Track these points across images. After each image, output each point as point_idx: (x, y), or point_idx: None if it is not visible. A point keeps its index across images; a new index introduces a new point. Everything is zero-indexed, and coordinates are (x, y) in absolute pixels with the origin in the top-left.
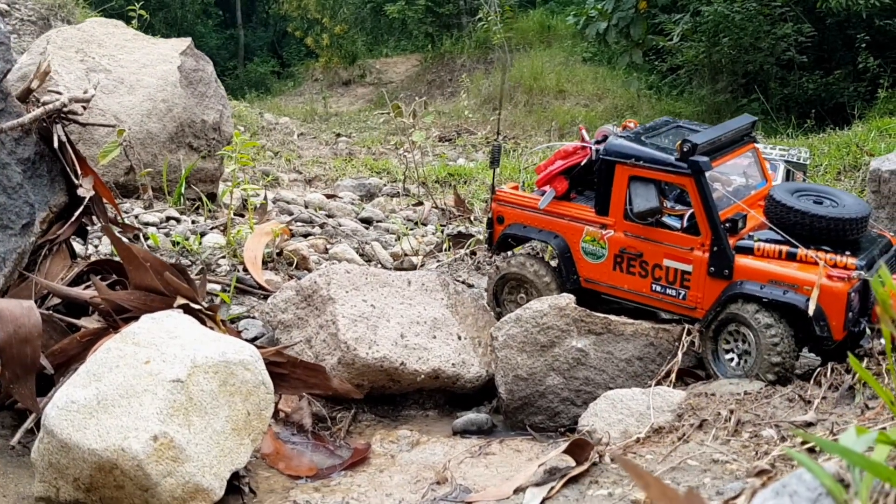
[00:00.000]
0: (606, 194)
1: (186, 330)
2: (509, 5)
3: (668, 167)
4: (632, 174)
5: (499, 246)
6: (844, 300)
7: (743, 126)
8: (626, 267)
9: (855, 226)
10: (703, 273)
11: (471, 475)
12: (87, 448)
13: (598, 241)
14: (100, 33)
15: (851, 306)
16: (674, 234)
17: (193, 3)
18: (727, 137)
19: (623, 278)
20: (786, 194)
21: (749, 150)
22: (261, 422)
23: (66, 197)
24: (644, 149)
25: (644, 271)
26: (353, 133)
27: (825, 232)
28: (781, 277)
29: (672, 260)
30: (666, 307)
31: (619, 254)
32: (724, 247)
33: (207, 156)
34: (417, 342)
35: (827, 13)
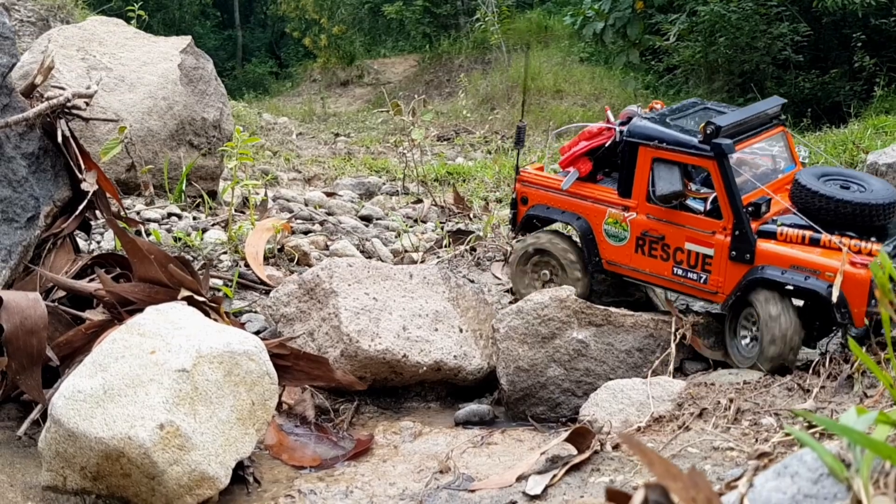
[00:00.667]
0: (629, 176)
1: (191, 321)
2: (507, 6)
3: (691, 149)
4: (655, 156)
5: (523, 226)
6: (867, 287)
7: (771, 108)
8: (647, 250)
9: (882, 211)
10: (724, 257)
11: (473, 464)
12: (94, 437)
13: (620, 224)
14: (101, 32)
15: (873, 293)
16: (696, 218)
17: (192, 4)
18: (753, 120)
19: (645, 261)
20: (812, 178)
21: (778, 133)
22: (265, 412)
23: (69, 191)
24: (668, 131)
25: (666, 254)
26: (352, 133)
27: (851, 217)
28: (804, 263)
29: (694, 243)
30: (687, 291)
31: (641, 236)
32: (746, 231)
33: (208, 153)
34: (419, 335)
35: (823, 12)
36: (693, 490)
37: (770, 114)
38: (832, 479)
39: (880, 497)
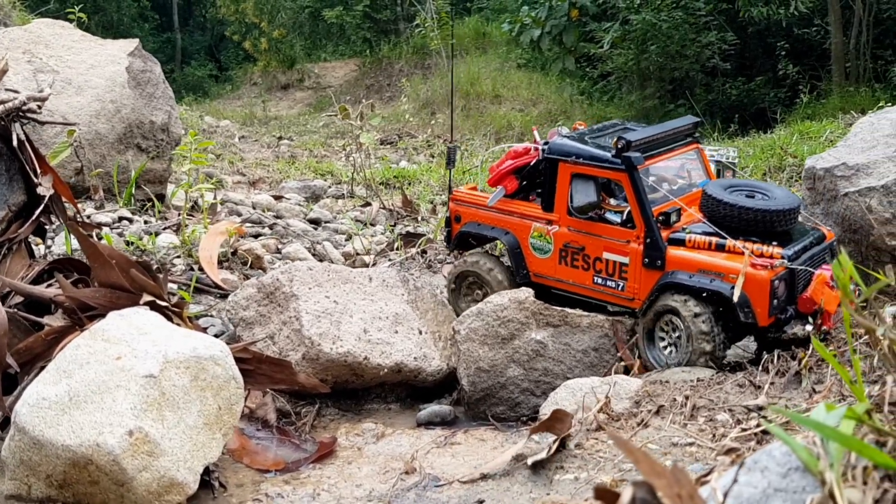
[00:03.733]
0: (551, 191)
1: (156, 326)
2: (445, 12)
3: (604, 163)
4: (573, 171)
5: (457, 244)
6: (768, 287)
7: (683, 126)
8: (570, 261)
9: (783, 217)
10: (638, 264)
11: (438, 464)
12: (61, 444)
13: (544, 237)
14: (47, 34)
15: (776, 293)
16: (612, 228)
17: (130, 7)
18: (666, 136)
19: (568, 272)
20: (718, 189)
21: (692, 149)
22: (231, 416)
23: (24, 196)
24: (584, 147)
25: (586, 264)
26: (294, 136)
27: (754, 224)
28: (709, 267)
29: (611, 253)
30: (606, 299)
31: (564, 248)
32: (656, 238)
33: (156, 157)
34: (380, 337)
35: (749, 22)
36: (677, 486)
37: (683, 131)
38: (800, 472)
39: (850, 489)
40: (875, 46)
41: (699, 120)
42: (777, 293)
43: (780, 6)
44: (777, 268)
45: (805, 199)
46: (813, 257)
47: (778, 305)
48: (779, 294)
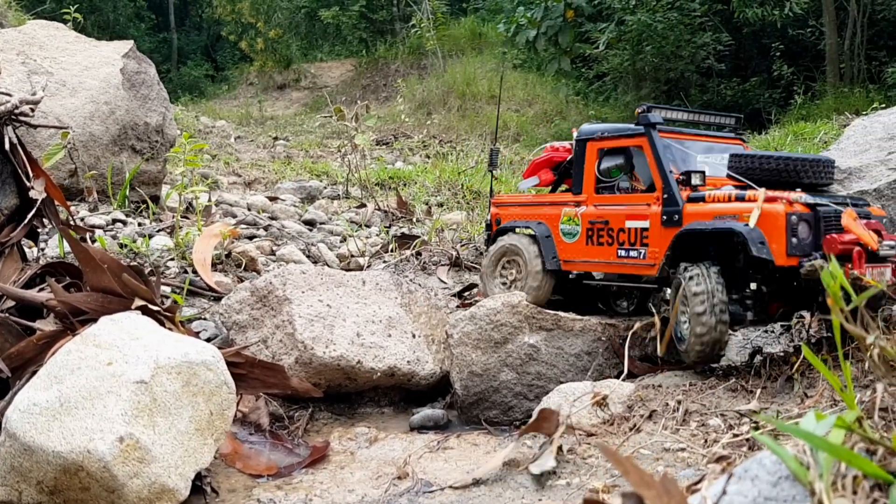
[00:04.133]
0: (580, 173)
1: (147, 331)
2: (441, 12)
3: (626, 132)
4: (599, 147)
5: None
6: (783, 221)
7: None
8: (595, 239)
9: (808, 167)
10: (658, 225)
11: (431, 469)
12: (52, 450)
13: (573, 220)
14: (41, 36)
15: (794, 230)
16: (634, 196)
17: (126, 7)
18: (698, 118)
19: (594, 251)
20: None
21: (734, 144)
22: (223, 422)
23: (16, 199)
24: (609, 125)
25: (610, 238)
26: (290, 136)
27: (778, 173)
28: (725, 212)
29: (633, 220)
30: (630, 271)
31: (590, 227)
32: (673, 194)
33: (150, 159)
34: (373, 341)
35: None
36: (666, 497)
37: (719, 122)
38: (790, 481)
39: (840, 499)
40: (869, 47)
41: (740, 116)
42: (796, 230)
43: (775, 7)
44: (795, 202)
45: None
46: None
47: (798, 245)
48: (799, 232)
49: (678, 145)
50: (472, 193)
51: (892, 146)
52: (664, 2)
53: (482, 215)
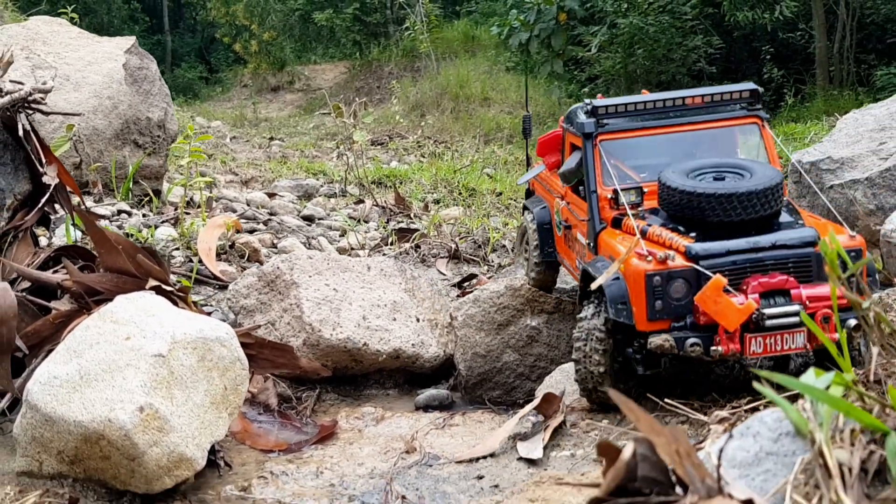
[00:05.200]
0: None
1: (162, 309)
2: (435, 15)
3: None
4: (571, 141)
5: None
6: (643, 282)
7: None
8: (565, 240)
9: (731, 203)
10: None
11: (437, 444)
12: (73, 420)
13: (560, 215)
14: (45, 31)
15: (656, 292)
16: (583, 202)
17: (120, 9)
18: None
19: (566, 252)
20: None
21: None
22: (237, 396)
23: (29, 185)
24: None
25: (571, 245)
26: (284, 138)
27: (699, 210)
28: (613, 252)
29: (581, 233)
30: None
31: (565, 225)
32: (593, 216)
33: (153, 153)
34: (379, 324)
35: (734, 26)
36: (675, 444)
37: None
38: (791, 437)
39: (839, 450)
40: (858, 50)
41: (756, 88)
42: (659, 292)
43: (766, 11)
44: (664, 261)
45: (792, 192)
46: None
47: (664, 308)
48: (667, 294)
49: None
50: (468, 191)
51: (883, 137)
52: (656, 5)
53: (479, 211)
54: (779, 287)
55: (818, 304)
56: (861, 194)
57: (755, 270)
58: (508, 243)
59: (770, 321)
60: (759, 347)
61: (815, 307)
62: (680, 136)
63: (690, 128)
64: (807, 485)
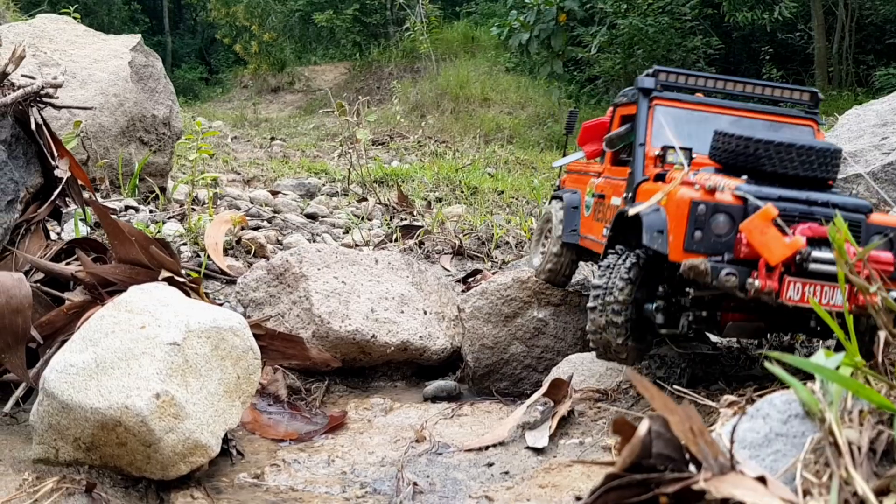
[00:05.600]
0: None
1: (176, 299)
2: (435, 16)
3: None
4: (622, 113)
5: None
6: (686, 209)
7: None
8: (595, 214)
9: (789, 154)
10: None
11: (447, 433)
12: (90, 407)
13: (592, 191)
14: (51, 29)
15: (700, 222)
16: (622, 169)
17: (121, 10)
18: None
19: (594, 226)
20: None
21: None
22: (250, 385)
23: (41, 178)
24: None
25: (602, 215)
26: (285, 138)
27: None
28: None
29: (616, 195)
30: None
31: (597, 200)
32: (634, 171)
33: (158, 150)
34: (387, 316)
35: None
36: (688, 422)
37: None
38: (800, 419)
39: (848, 430)
40: (857, 51)
41: (816, 92)
42: (704, 222)
43: (765, 11)
44: (712, 190)
45: None
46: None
47: (706, 241)
48: (711, 226)
49: (704, 119)
50: (470, 189)
51: (885, 132)
52: (655, 6)
53: (481, 209)
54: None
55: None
56: (864, 188)
57: (803, 221)
58: (512, 240)
59: (814, 265)
60: (797, 293)
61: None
62: (734, 119)
63: (746, 114)
64: (816, 463)
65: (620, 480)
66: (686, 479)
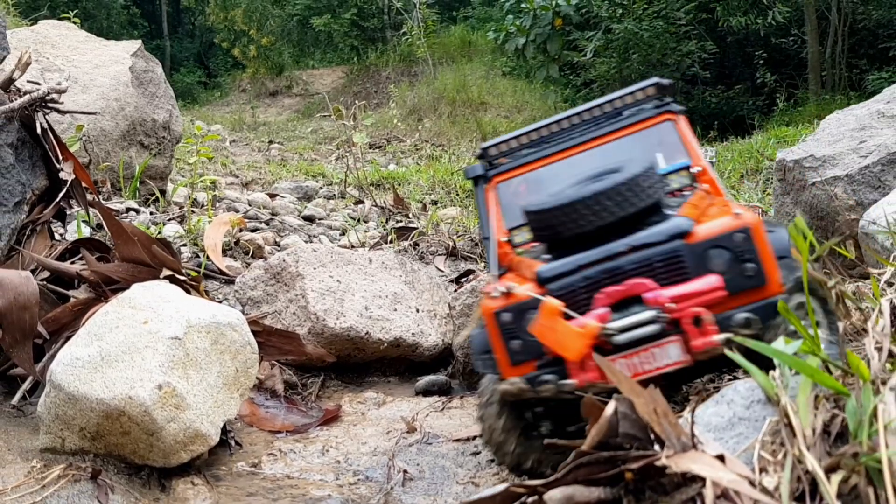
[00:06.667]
0: None
1: (177, 296)
2: (432, 20)
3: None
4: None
5: None
6: (493, 321)
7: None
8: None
9: (577, 212)
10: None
11: (437, 425)
12: (95, 398)
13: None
14: (53, 35)
15: (510, 330)
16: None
17: (120, 15)
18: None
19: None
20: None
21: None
22: (247, 378)
23: (46, 181)
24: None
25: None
26: (283, 141)
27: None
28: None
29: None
30: None
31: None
32: (490, 265)
33: (158, 154)
34: (380, 314)
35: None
36: (653, 403)
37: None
38: (762, 404)
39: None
40: (850, 56)
41: (659, 82)
42: (512, 329)
43: (758, 16)
44: (511, 294)
45: (776, 189)
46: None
47: (525, 349)
48: (521, 331)
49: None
50: (465, 192)
51: (863, 136)
52: (650, 11)
53: (475, 211)
54: (631, 294)
55: (689, 303)
56: (841, 190)
57: (613, 281)
58: None
59: (621, 337)
60: (624, 370)
61: (683, 309)
62: (584, 155)
63: (594, 144)
64: (773, 444)
65: (589, 457)
66: (650, 457)
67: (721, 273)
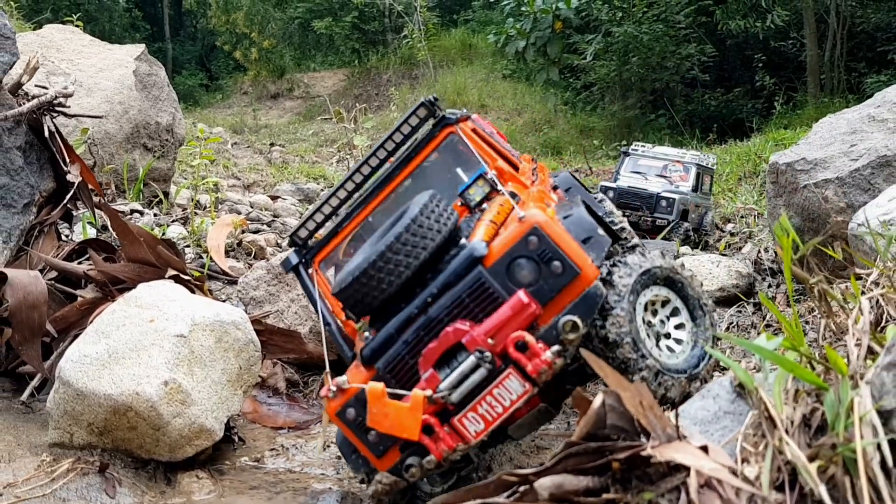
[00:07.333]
0: None
1: (182, 295)
2: (432, 23)
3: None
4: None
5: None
6: (338, 420)
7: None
8: None
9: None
10: None
11: None
12: (103, 394)
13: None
14: (58, 39)
15: (358, 425)
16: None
17: (122, 18)
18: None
19: None
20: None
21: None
22: (250, 376)
23: (54, 183)
24: None
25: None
26: (284, 144)
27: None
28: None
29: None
30: None
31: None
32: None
33: (161, 156)
34: None
35: (727, 35)
36: (639, 397)
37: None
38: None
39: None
40: (849, 59)
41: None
42: (360, 424)
43: (758, 20)
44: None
45: (769, 191)
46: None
47: (381, 438)
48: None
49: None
50: None
51: (854, 139)
52: (650, 14)
53: None
54: (449, 345)
55: (506, 331)
56: (832, 193)
57: (433, 335)
58: None
59: (455, 395)
60: (479, 424)
61: (502, 340)
62: (389, 201)
63: (393, 187)
64: (755, 435)
65: (578, 448)
66: (636, 447)
67: (533, 281)
